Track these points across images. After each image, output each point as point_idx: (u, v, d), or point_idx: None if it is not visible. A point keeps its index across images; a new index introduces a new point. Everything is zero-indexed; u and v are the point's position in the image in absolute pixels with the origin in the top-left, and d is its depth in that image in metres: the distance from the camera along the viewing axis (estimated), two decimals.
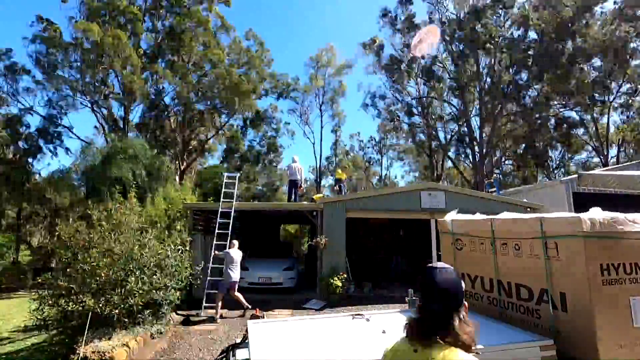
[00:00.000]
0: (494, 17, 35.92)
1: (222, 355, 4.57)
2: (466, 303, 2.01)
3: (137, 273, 8.87)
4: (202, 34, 31.78)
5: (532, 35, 35.21)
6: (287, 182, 22.43)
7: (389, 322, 4.52)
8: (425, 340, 1.90)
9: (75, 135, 30.41)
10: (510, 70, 34.62)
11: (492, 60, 35.83)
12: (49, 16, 29.48)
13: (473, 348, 1.90)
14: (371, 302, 13.03)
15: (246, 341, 4.45)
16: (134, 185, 14.58)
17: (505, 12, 35.27)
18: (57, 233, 9.91)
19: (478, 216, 5.75)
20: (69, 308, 8.39)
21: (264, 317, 4.57)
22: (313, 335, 4.23)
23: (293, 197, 17.48)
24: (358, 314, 4.81)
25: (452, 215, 6.09)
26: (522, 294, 4.63)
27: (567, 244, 4.05)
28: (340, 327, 4.49)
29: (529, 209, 14.73)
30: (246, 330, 4.54)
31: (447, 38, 37.59)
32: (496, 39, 34.04)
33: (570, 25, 31.81)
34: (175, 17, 31.04)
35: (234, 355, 4.38)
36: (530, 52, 34.37)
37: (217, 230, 13.23)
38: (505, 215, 5.18)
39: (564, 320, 4.08)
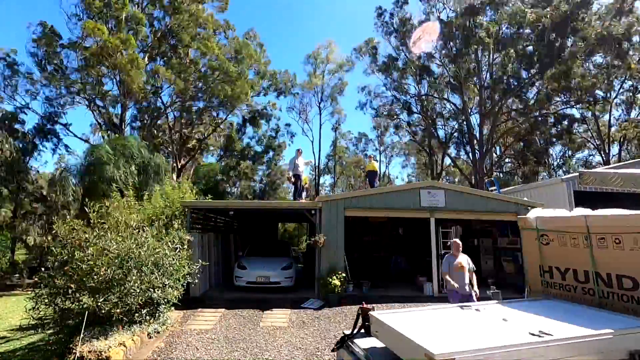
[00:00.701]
0: (491, 12, 36.01)
1: (339, 346, 4.67)
2: None
3: (134, 272, 8.87)
4: (201, 33, 31.85)
5: (529, 31, 35.23)
6: (286, 179, 22.30)
7: (498, 312, 4.76)
8: None
9: (72, 133, 30.52)
10: (510, 67, 34.57)
11: (491, 56, 35.83)
12: (46, 11, 29.47)
13: None
14: (370, 301, 13.02)
15: (361, 331, 4.59)
16: (130, 184, 14.57)
17: (500, 9, 35.25)
18: (53, 231, 9.90)
19: (566, 212, 6.03)
20: (66, 307, 8.40)
21: (374, 309, 4.69)
22: (445, 323, 4.34)
23: (299, 190, 17.51)
24: (465, 305, 5.07)
25: (536, 212, 6.31)
26: (624, 284, 4.87)
27: None
28: (461, 316, 4.67)
29: (529, 208, 14.75)
30: (356, 321, 4.68)
31: (445, 35, 37.55)
32: (494, 36, 34.03)
33: (568, 21, 31.76)
34: (173, 15, 31.03)
35: (352, 344, 4.48)
36: (529, 49, 34.39)
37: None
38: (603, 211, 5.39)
39: None
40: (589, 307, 4.94)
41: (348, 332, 4.74)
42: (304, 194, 17.83)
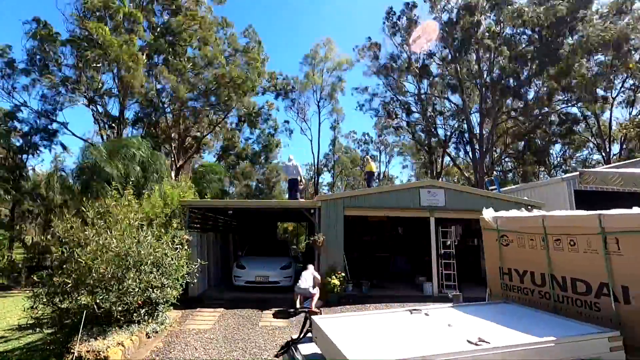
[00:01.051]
0: (491, 12, 36.10)
1: (283, 351, 4.61)
2: None
3: (133, 271, 8.88)
4: (199, 31, 31.86)
5: (530, 31, 35.28)
6: (285, 178, 22.40)
7: (447, 317, 4.64)
8: None
9: (70, 131, 30.47)
10: (510, 66, 34.59)
11: (492, 56, 35.87)
12: (44, 10, 29.51)
13: None
14: (370, 301, 13.04)
15: (307, 336, 4.52)
16: (130, 183, 14.54)
17: (500, 9, 35.34)
18: (51, 230, 9.91)
19: (525, 213, 5.89)
20: (64, 306, 8.39)
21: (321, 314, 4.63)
22: (385, 329, 4.23)
23: (294, 194, 17.55)
24: (415, 309, 4.92)
25: (493, 212, 6.24)
26: (578, 287, 4.79)
27: (629, 240, 4.21)
28: (406, 322, 4.56)
29: (529, 207, 14.78)
30: (303, 326, 4.62)
31: (445, 34, 37.62)
32: (493, 35, 34.11)
33: (568, 20, 31.79)
34: (171, 14, 31.09)
35: (296, 350, 4.40)
36: (529, 48, 34.42)
37: None
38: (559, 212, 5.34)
39: (628, 312, 4.22)
40: (543, 312, 4.83)
41: (295, 336, 4.68)
42: (298, 195, 17.87)
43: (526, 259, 5.49)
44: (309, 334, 4.51)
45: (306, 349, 4.31)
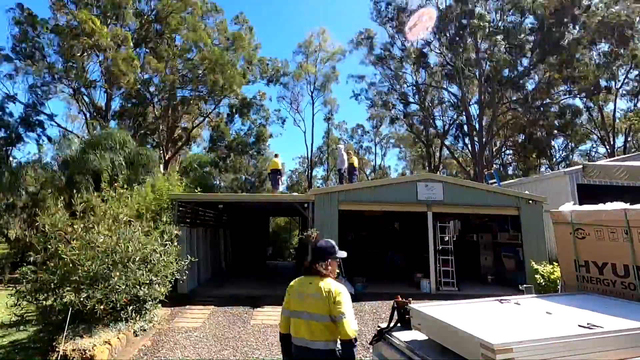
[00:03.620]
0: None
1: (377, 339, 4.77)
2: (332, 260, 4.30)
3: (120, 267, 8.86)
4: (188, 17, 31.68)
5: (532, 20, 35.33)
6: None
7: (538, 306, 4.79)
8: (311, 275, 4.04)
9: (57, 123, 30.44)
10: (507, 56, 34.58)
11: (491, 45, 35.87)
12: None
13: None
14: (364, 299, 13.07)
15: (397, 325, 4.71)
16: (117, 176, 14.50)
17: None
18: (36, 224, 9.87)
19: (603, 207, 5.96)
20: (49, 303, 8.38)
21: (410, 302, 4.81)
22: (488, 316, 4.36)
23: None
24: (504, 299, 5.09)
25: (570, 206, 6.37)
26: None
27: None
28: (502, 310, 4.70)
29: (530, 202, 14.84)
30: (392, 314, 4.83)
31: (442, 20, 37.58)
32: (490, 23, 34.13)
33: (570, 7, 31.78)
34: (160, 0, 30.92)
35: (392, 337, 4.56)
36: (530, 38, 34.44)
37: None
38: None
39: None
40: (630, 302, 4.97)
41: (383, 325, 4.83)
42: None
43: (606, 251, 5.64)
44: (398, 323, 4.73)
45: (404, 336, 4.47)
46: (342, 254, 4.46)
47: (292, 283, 4.20)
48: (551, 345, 3.26)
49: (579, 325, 3.69)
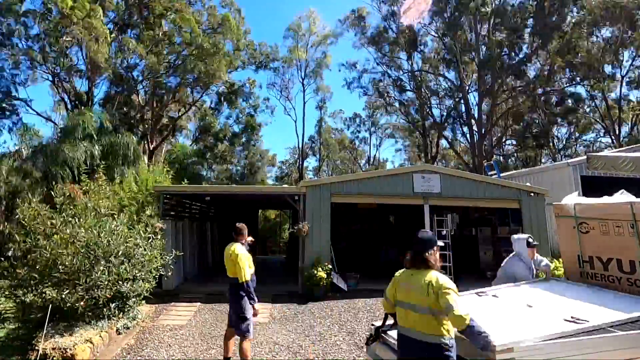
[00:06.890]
0: None
1: (374, 339, 4.89)
2: (437, 247, 4.36)
3: (102, 262, 8.85)
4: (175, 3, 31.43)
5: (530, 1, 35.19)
6: (266, 163, 22.39)
7: (517, 297, 4.97)
8: (415, 268, 4.22)
9: (34, 110, 30.10)
10: (510, 39, 34.52)
11: (489, 28, 35.78)
12: None
13: None
14: (358, 295, 13.10)
15: (392, 323, 4.72)
16: (96, 167, 14.41)
17: None
18: (15, 217, 9.83)
19: (607, 199, 5.98)
20: (28, 300, 8.36)
21: None
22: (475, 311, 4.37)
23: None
24: (481, 292, 5.33)
25: (574, 198, 6.35)
26: None
27: None
28: (485, 304, 4.87)
29: (532, 194, 14.88)
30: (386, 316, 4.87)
31: (439, 4, 37.41)
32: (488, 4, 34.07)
33: None
34: None
35: (387, 336, 4.69)
36: (529, 21, 34.36)
37: None
38: None
39: None
40: (589, 286, 5.17)
41: (378, 323, 4.97)
42: None
43: (611, 246, 5.63)
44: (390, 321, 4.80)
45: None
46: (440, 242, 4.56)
47: (397, 274, 4.59)
48: (553, 344, 3.31)
49: (565, 320, 3.72)
